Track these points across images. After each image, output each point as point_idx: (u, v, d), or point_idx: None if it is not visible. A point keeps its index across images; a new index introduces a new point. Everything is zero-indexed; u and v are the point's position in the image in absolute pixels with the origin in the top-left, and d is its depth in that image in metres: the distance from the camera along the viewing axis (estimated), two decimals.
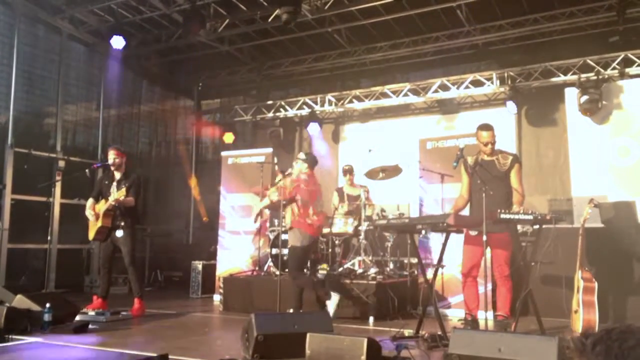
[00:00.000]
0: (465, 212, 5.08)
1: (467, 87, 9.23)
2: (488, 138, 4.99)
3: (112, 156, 6.34)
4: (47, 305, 5.05)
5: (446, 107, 9.79)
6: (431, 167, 6.84)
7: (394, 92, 9.86)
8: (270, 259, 7.20)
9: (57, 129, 9.28)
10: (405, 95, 9.75)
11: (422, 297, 5.26)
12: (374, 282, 6.13)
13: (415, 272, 6.96)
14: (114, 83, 10.36)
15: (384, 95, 9.98)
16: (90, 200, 6.37)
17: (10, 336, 4.59)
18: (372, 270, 6.50)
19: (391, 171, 7.08)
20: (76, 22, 9.34)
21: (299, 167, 5.96)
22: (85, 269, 9.56)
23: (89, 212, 6.28)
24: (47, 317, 5.01)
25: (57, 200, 8.90)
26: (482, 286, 4.64)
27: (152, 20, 9.34)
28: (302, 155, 6.04)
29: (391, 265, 7.15)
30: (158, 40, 9.86)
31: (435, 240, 6.59)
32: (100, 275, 6.66)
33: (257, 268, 7.60)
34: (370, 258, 6.79)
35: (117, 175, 6.35)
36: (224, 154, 9.09)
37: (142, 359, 3.70)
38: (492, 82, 9.06)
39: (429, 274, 5.37)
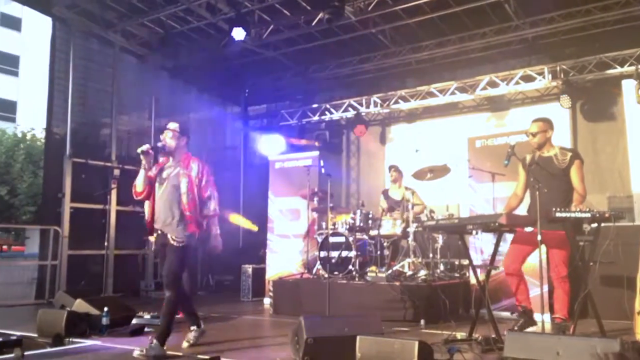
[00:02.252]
0: (522, 211, 4.92)
1: (517, 82, 8.97)
2: (534, 129, 4.82)
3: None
4: (105, 309, 5.23)
5: (496, 104, 9.53)
6: (481, 166, 6.68)
7: (440, 91, 9.70)
8: (318, 262, 7.20)
9: (112, 139, 9.62)
10: (453, 93, 9.57)
11: (474, 299, 5.14)
12: (424, 284, 6.03)
13: (467, 273, 6.81)
14: (164, 93, 10.68)
15: (430, 94, 9.83)
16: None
17: (70, 339, 4.78)
18: (422, 272, 6.40)
19: (439, 171, 6.95)
20: (128, 35, 9.67)
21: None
22: (141, 273, 9.85)
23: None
24: (105, 320, 5.18)
25: (113, 207, 9.21)
26: (538, 288, 4.48)
27: (199, 30, 9.55)
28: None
29: (441, 267, 7.02)
30: (205, 48, 10.06)
31: (486, 241, 6.42)
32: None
33: (305, 271, 7.62)
34: (420, 260, 6.69)
35: None
36: (271, 158, 9.18)
37: None
38: (544, 77, 8.77)
39: (481, 275, 5.23)
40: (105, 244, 8.87)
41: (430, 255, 6.99)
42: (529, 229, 4.65)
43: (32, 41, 40.70)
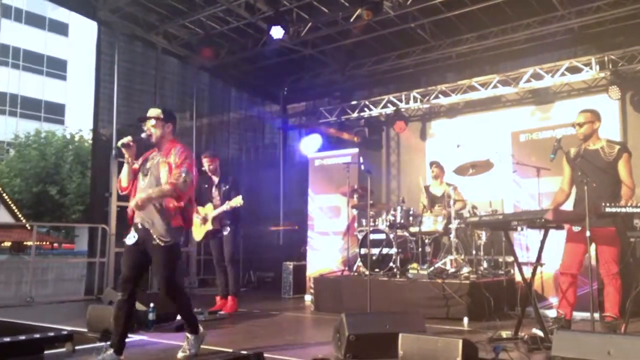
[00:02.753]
0: (568, 207, 4.78)
1: (562, 74, 8.70)
2: (580, 119, 4.68)
3: (206, 164, 6.65)
4: (151, 305, 5.37)
5: (540, 97, 9.26)
6: (526, 160, 6.51)
7: (482, 85, 9.51)
8: (359, 259, 7.19)
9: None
10: (495, 87, 9.37)
11: (520, 297, 5.02)
12: (467, 282, 5.93)
13: (512, 271, 6.66)
14: (205, 92, 10.88)
15: (472, 88, 9.65)
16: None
17: None
18: (465, 270, 6.29)
19: (482, 166, 6.81)
20: (169, 37, 9.87)
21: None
22: (185, 270, 10.05)
23: (194, 215, 6.57)
24: (151, 316, 5.32)
25: None
26: (587, 285, 4.34)
27: (238, 30, 9.65)
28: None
29: (485, 264, 6.89)
30: (244, 48, 10.18)
31: (532, 237, 6.26)
32: (217, 275, 6.82)
33: (346, 268, 7.62)
34: (463, 257, 6.58)
35: (215, 179, 6.64)
36: (310, 155, 9.21)
37: (238, 357, 3.82)
38: (591, 68, 8.47)
39: (527, 272, 5.10)
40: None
41: (473, 252, 6.86)
42: (576, 229, 4.52)
43: (78, 45, 42.10)
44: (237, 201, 6.23)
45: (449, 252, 6.62)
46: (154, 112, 4.22)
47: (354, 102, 11.01)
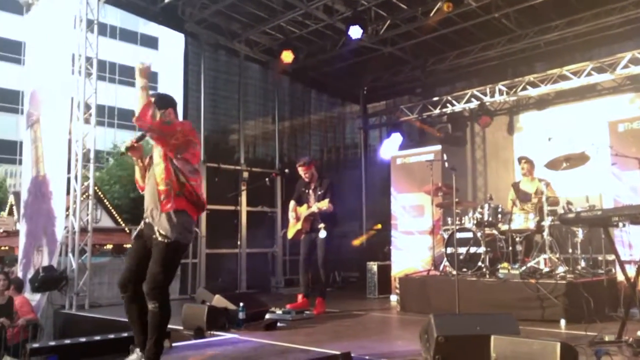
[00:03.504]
0: None
1: None
2: None
3: (302, 173, 6.81)
4: (241, 304, 5.54)
5: None
6: (626, 151, 6.05)
7: (574, 73, 8.97)
8: (445, 258, 7.01)
9: (240, 144, 10.18)
10: (589, 75, 8.80)
11: (623, 298, 4.67)
12: (564, 282, 5.60)
13: (613, 270, 6.22)
14: (286, 96, 11.11)
15: (562, 77, 9.13)
16: (292, 203, 6.85)
17: (211, 332, 5.12)
18: (561, 269, 5.95)
19: (576, 159, 6.41)
20: (251, 44, 10.17)
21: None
22: (271, 270, 10.30)
23: (291, 214, 6.78)
24: (241, 315, 5.48)
25: (244, 208, 9.75)
26: None
27: (317, 32, 9.76)
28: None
29: (582, 263, 6.48)
30: (323, 50, 10.27)
31: (635, 234, 5.81)
32: (300, 273, 6.90)
33: (432, 268, 7.46)
34: (558, 256, 6.23)
35: (312, 183, 6.78)
36: (392, 154, 9.11)
37: (326, 357, 3.84)
38: None
39: (630, 271, 4.74)
40: (238, 243, 9.41)
41: (569, 250, 6.47)
42: None
43: (167, 58, 44.41)
44: (324, 204, 6.33)
45: (542, 251, 6.29)
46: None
47: (435, 99, 10.77)
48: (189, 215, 3.69)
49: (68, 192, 7.64)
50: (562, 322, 5.37)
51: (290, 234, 6.83)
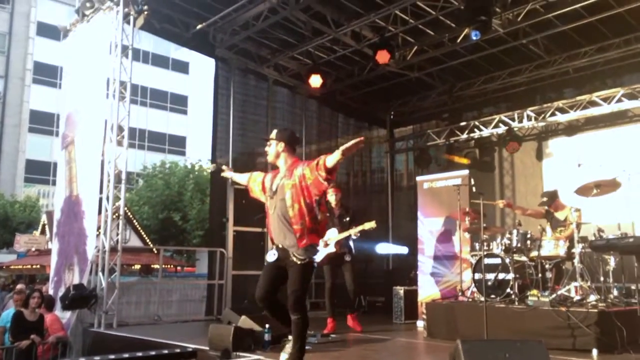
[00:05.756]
0: None
1: None
2: None
3: (332, 195, 7.01)
4: (267, 326, 5.54)
5: None
6: None
7: (605, 99, 8.89)
8: (473, 284, 6.92)
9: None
10: (620, 101, 8.72)
11: None
12: (596, 310, 5.47)
13: None
14: (313, 120, 11.22)
15: (592, 104, 9.06)
16: None
17: (237, 353, 5.13)
18: (592, 297, 5.81)
19: (607, 186, 6.32)
20: (280, 69, 10.36)
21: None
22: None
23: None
24: (267, 336, 5.48)
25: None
26: None
27: (344, 57, 9.89)
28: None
29: (615, 292, 6.31)
30: (351, 75, 10.40)
31: None
32: (327, 297, 7.20)
33: (460, 294, 7.35)
34: (589, 284, 6.09)
35: (336, 211, 6.88)
36: (419, 178, 9.08)
37: None
38: None
39: None
40: (264, 264, 9.41)
41: (601, 278, 6.32)
42: None
43: (198, 82, 45.41)
44: (371, 224, 6.53)
45: (573, 279, 6.16)
46: (272, 134, 4.36)
47: (463, 124, 10.76)
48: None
49: (99, 212, 7.81)
50: (595, 352, 5.23)
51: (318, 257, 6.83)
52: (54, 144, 31.10)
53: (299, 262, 4.05)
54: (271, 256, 4.23)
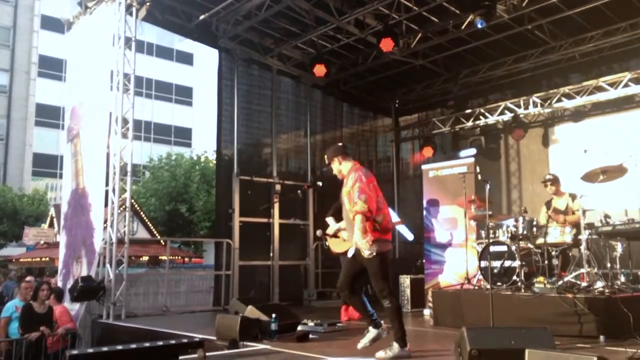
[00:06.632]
0: None
1: None
2: None
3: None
4: (273, 315, 5.57)
5: None
6: None
7: (611, 85, 8.80)
8: (479, 272, 6.91)
9: (273, 157, 10.28)
10: (627, 85, 8.64)
11: None
12: (602, 297, 5.46)
13: None
14: (317, 109, 11.19)
15: (599, 89, 8.98)
16: (332, 219, 6.91)
17: (244, 342, 5.16)
18: (599, 284, 5.79)
19: (614, 172, 6.26)
20: (284, 58, 10.32)
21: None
22: (304, 283, 10.31)
23: (339, 231, 6.72)
24: (273, 326, 5.51)
25: (276, 220, 9.81)
26: None
27: (348, 46, 9.84)
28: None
29: (622, 278, 6.29)
30: (355, 64, 10.34)
31: None
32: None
33: (466, 281, 7.35)
34: (596, 270, 6.07)
35: None
36: (424, 167, 9.07)
37: None
38: None
39: None
40: (271, 254, 9.46)
41: (608, 265, 6.30)
42: None
43: (202, 73, 45.35)
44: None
45: (579, 265, 6.13)
46: (325, 159, 4.93)
47: (468, 111, 10.70)
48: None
49: (106, 205, 7.85)
50: (601, 338, 5.22)
51: (340, 248, 6.74)
52: (61, 137, 31.20)
53: (367, 257, 4.44)
54: (351, 252, 4.65)
